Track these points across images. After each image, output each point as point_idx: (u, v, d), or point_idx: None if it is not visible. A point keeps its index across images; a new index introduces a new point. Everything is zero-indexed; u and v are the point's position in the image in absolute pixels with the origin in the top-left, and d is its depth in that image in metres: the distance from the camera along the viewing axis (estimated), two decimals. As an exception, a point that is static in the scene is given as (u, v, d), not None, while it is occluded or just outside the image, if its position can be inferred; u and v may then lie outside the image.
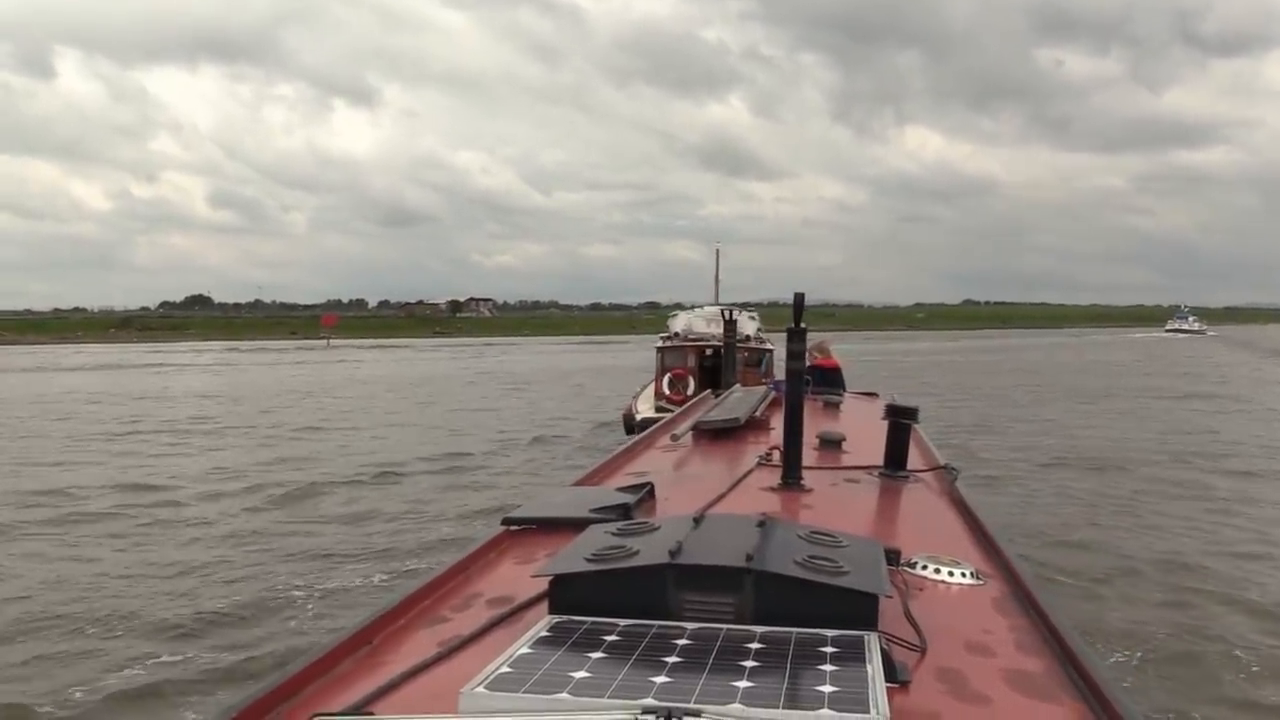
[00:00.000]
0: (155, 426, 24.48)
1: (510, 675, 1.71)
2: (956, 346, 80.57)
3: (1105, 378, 42.01)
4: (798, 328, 4.34)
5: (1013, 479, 15.86)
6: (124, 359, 62.76)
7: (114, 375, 46.85)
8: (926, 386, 34.08)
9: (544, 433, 21.76)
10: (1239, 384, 39.11)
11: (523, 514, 3.52)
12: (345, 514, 13.19)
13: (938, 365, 52.04)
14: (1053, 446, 19.67)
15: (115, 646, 8.22)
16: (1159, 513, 13.24)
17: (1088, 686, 2.00)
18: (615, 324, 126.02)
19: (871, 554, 2.36)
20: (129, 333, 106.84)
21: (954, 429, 20.39)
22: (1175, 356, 62.88)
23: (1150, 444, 20.19)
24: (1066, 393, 34.06)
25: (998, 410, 27.88)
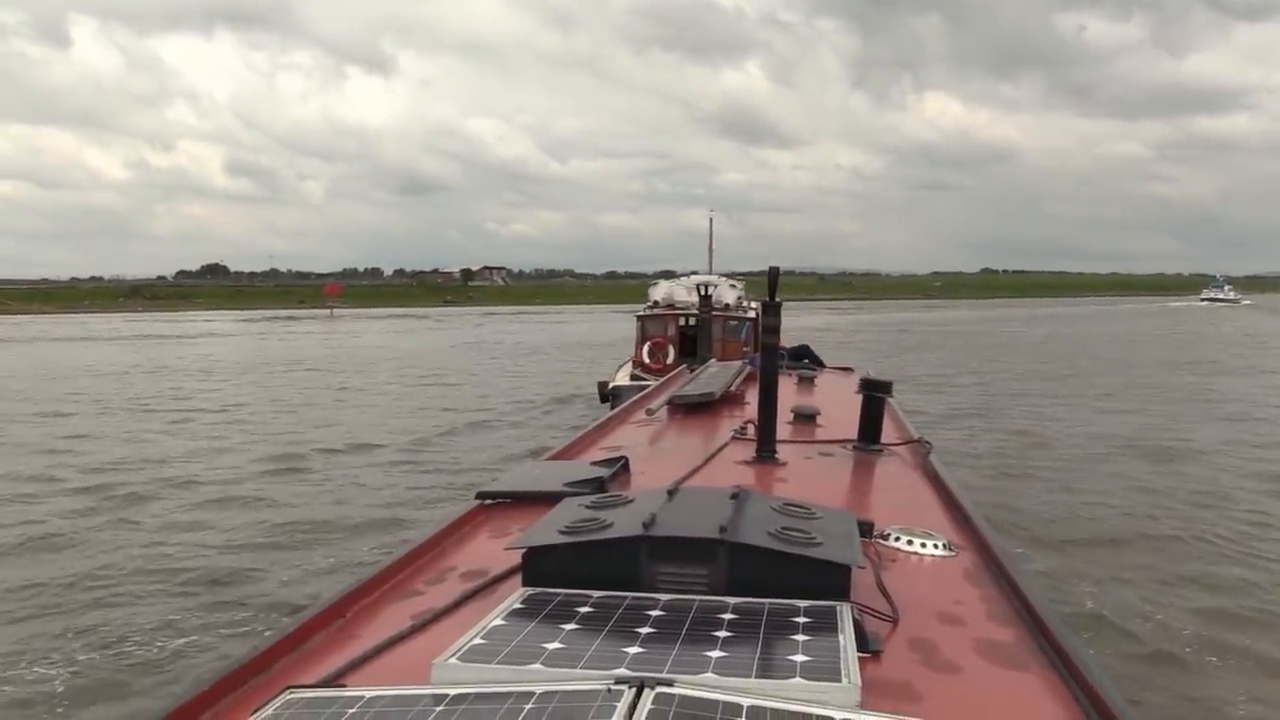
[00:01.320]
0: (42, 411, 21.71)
1: (483, 646, 1.72)
2: (981, 316, 77.47)
3: (1196, 350, 37.20)
4: (773, 301, 4.25)
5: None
6: (109, 330, 61.19)
7: (84, 348, 44.88)
8: (968, 374, 28.31)
9: (482, 418, 19.43)
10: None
11: (497, 488, 3.49)
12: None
13: (973, 340, 47.09)
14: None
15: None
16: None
17: (1058, 655, 2.01)
18: (630, 292, 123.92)
19: (844, 525, 2.37)
20: (137, 302, 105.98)
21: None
22: (1231, 327, 59.26)
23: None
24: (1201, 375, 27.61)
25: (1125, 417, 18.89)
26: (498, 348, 42.88)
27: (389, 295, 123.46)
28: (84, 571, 8.95)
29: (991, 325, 61.02)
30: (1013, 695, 1.87)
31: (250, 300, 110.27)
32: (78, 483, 13.03)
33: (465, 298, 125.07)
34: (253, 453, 15.29)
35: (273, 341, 49.11)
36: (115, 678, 6.69)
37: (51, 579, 8.71)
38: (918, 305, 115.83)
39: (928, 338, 48.88)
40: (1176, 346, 40.95)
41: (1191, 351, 37.71)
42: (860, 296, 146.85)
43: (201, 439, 17.05)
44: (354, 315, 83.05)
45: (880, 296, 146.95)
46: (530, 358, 36.51)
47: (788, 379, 7.38)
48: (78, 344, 47.74)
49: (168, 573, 8.87)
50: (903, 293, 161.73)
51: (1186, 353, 37.00)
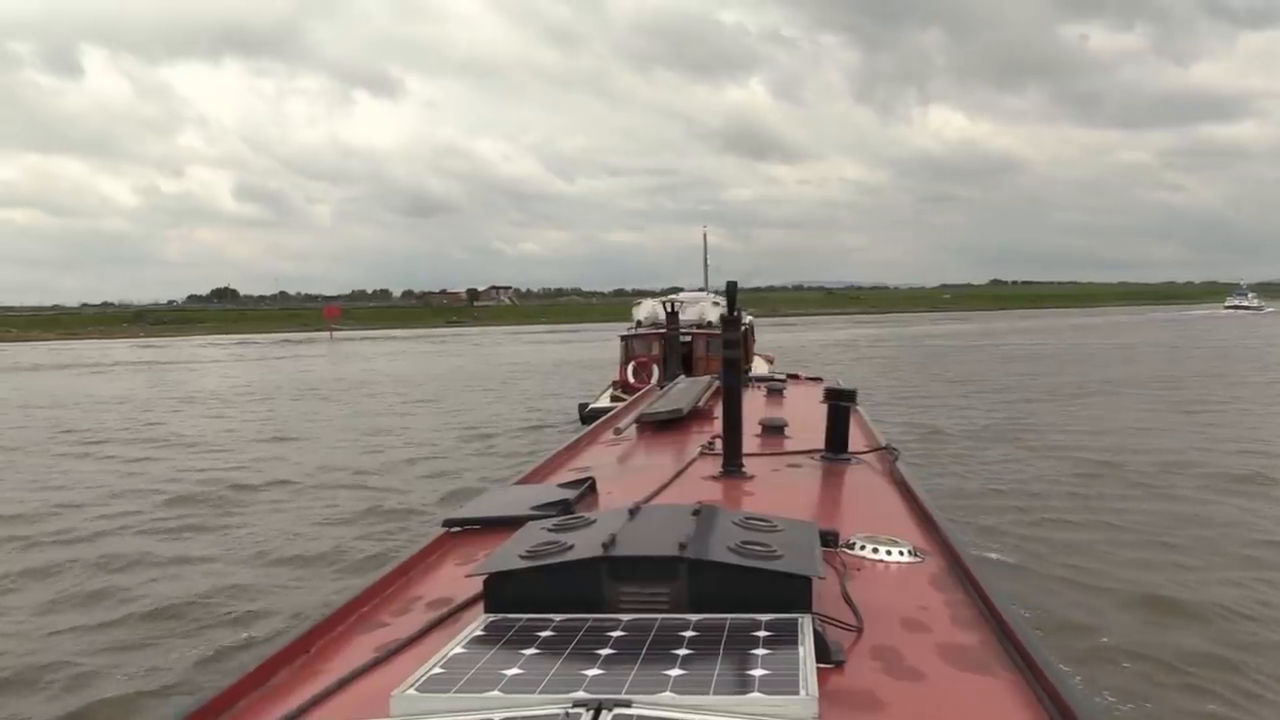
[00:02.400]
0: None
1: (442, 676, 1.71)
2: (1005, 328, 74.88)
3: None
4: (732, 316, 4.25)
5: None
6: (99, 356, 59.73)
7: (54, 377, 43.12)
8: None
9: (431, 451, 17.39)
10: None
11: (463, 515, 3.49)
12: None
13: (1023, 355, 42.33)
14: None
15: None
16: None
17: (1022, 658, 2.01)
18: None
19: (806, 536, 2.35)
20: (140, 327, 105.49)
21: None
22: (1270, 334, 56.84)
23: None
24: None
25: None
26: (489, 368, 41.35)
27: (393, 316, 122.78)
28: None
29: (1025, 338, 58.08)
30: (976, 699, 1.87)
31: (254, 324, 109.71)
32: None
33: (470, 317, 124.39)
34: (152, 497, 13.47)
35: (257, 367, 47.45)
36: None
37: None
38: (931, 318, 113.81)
39: (966, 352, 45.94)
40: (1250, 357, 38.35)
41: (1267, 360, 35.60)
42: (869, 310, 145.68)
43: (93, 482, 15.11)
44: (355, 338, 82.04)
45: (889, 310, 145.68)
46: (515, 379, 34.89)
47: (756, 392, 7.52)
48: (49, 373, 46.15)
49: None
50: (912, 305, 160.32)
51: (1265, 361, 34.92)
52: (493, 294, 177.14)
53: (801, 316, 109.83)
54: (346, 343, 73.04)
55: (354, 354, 57.64)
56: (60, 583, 9.31)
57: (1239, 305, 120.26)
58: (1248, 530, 10.02)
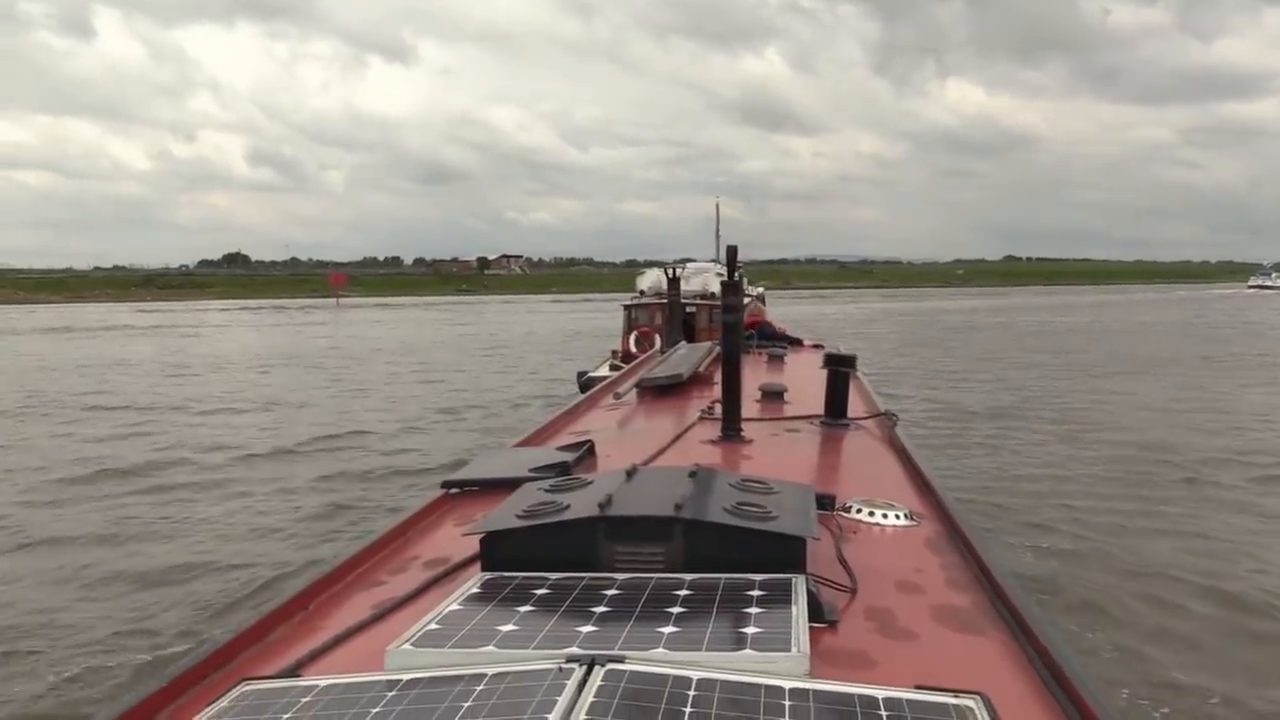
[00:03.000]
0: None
1: (438, 631, 1.72)
2: (1023, 304, 72.94)
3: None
4: (731, 280, 4.23)
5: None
6: (95, 321, 58.52)
7: (31, 341, 41.95)
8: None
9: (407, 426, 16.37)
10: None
11: (461, 476, 3.47)
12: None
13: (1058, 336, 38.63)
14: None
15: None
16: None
17: (1014, 620, 2.02)
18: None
19: (801, 499, 2.35)
20: (148, 291, 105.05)
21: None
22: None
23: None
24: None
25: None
26: (491, 338, 40.27)
27: (402, 284, 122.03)
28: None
29: (1049, 316, 55.98)
30: (967, 659, 1.87)
31: (262, 290, 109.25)
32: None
33: (480, 286, 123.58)
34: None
35: (254, 334, 46.42)
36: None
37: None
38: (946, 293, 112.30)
39: (988, 329, 43.99)
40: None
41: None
42: (882, 284, 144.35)
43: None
44: (362, 305, 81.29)
45: (903, 284, 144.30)
46: (517, 350, 33.78)
47: (757, 358, 7.51)
48: (28, 337, 44.96)
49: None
50: (926, 280, 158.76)
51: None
52: (504, 263, 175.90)
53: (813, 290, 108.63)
54: (353, 309, 72.28)
55: (355, 321, 56.78)
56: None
57: (1263, 285, 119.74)
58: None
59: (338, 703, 1.50)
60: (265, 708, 1.52)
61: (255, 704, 1.54)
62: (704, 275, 19.22)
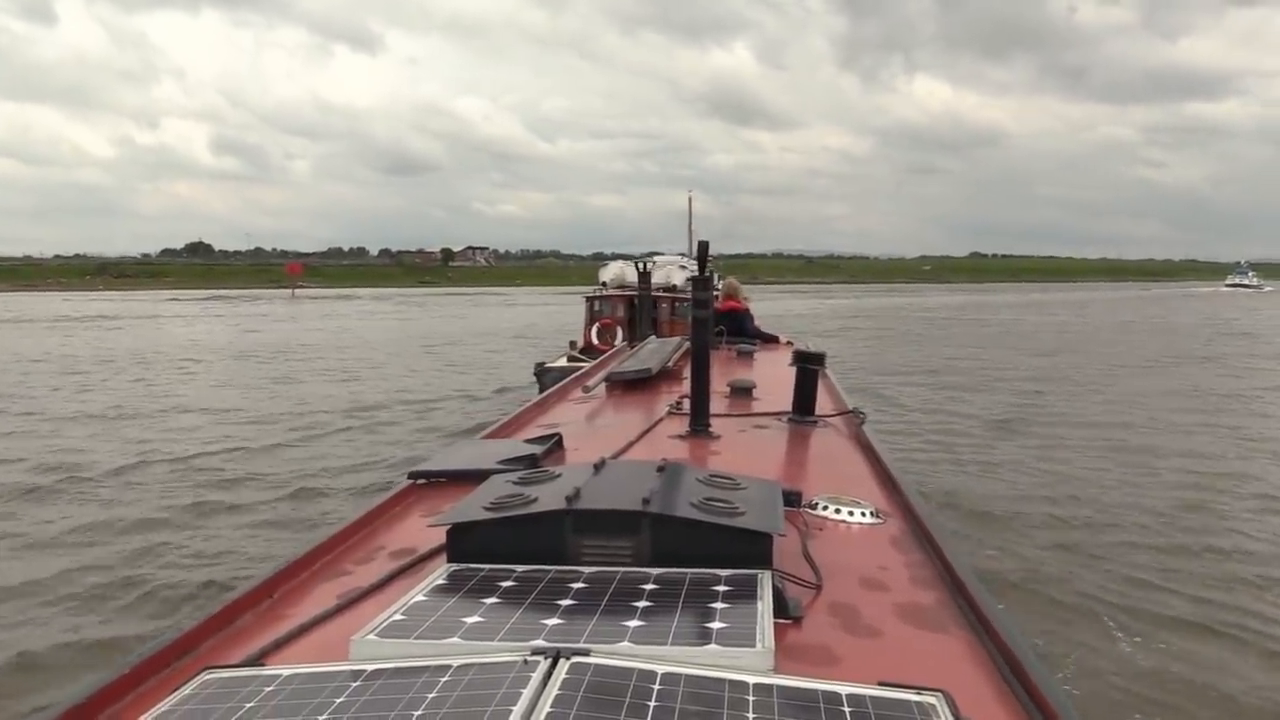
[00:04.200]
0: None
1: (402, 622, 1.72)
2: (991, 302, 72.31)
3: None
4: (702, 275, 4.25)
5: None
6: (23, 309, 55.99)
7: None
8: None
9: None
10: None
11: (429, 467, 3.46)
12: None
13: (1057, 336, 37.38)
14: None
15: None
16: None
17: (976, 618, 2.04)
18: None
19: (769, 495, 2.37)
20: (102, 280, 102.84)
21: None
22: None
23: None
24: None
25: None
26: (443, 335, 37.52)
27: (363, 275, 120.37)
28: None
29: (1028, 314, 55.03)
30: (929, 655, 1.88)
31: (221, 279, 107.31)
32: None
33: (444, 278, 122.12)
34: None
35: (183, 327, 43.49)
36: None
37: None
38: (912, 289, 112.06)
39: (967, 326, 42.77)
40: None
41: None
42: (849, 279, 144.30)
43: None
44: (319, 296, 79.72)
45: (870, 280, 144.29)
46: (467, 349, 31.21)
47: (726, 354, 7.51)
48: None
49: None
50: (892, 276, 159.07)
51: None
52: (469, 254, 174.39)
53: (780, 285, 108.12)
54: (309, 301, 70.77)
55: (302, 315, 54.41)
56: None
57: (1240, 284, 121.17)
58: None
59: (301, 692, 1.49)
60: (228, 696, 1.51)
61: (218, 693, 1.53)
62: (667, 268, 19.49)
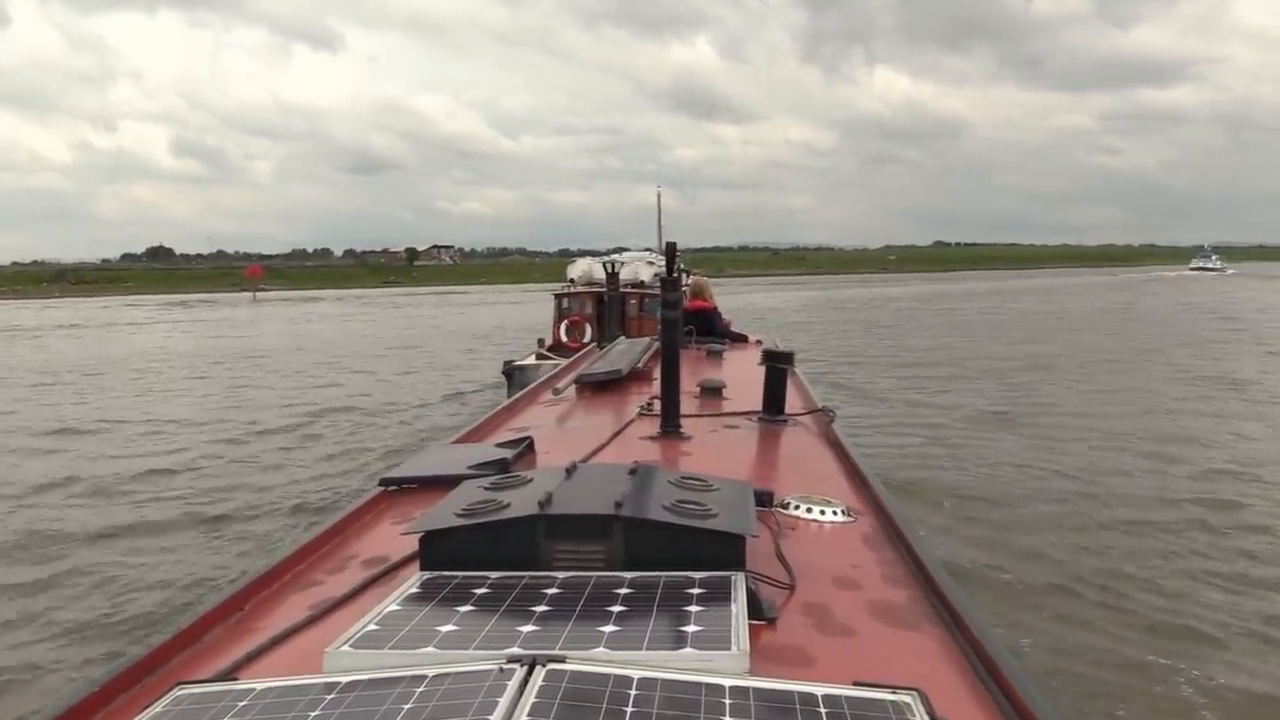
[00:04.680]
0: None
1: (376, 633, 1.70)
2: (963, 290, 71.89)
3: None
4: (671, 276, 4.26)
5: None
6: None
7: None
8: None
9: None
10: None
11: (399, 474, 3.46)
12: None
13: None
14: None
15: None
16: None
17: (949, 615, 2.04)
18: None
19: (740, 496, 2.36)
20: (58, 287, 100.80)
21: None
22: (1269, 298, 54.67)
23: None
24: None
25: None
26: (403, 338, 36.13)
27: (326, 277, 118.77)
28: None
29: (999, 300, 54.37)
30: (904, 654, 1.89)
31: (182, 284, 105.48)
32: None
33: (409, 278, 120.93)
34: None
35: (138, 334, 41.60)
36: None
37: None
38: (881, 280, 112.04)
39: (941, 316, 41.68)
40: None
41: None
42: (815, 271, 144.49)
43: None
44: (286, 298, 78.24)
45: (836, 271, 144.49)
46: (423, 349, 30.51)
47: (696, 354, 7.47)
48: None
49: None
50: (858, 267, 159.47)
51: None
52: (434, 253, 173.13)
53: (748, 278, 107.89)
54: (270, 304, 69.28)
55: (261, 318, 52.88)
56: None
57: (1204, 267, 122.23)
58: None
59: (275, 706, 1.47)
60: (202, 712, 1.49)
61: (190, 709, 1.51)
62: (635, 264, 19.44)
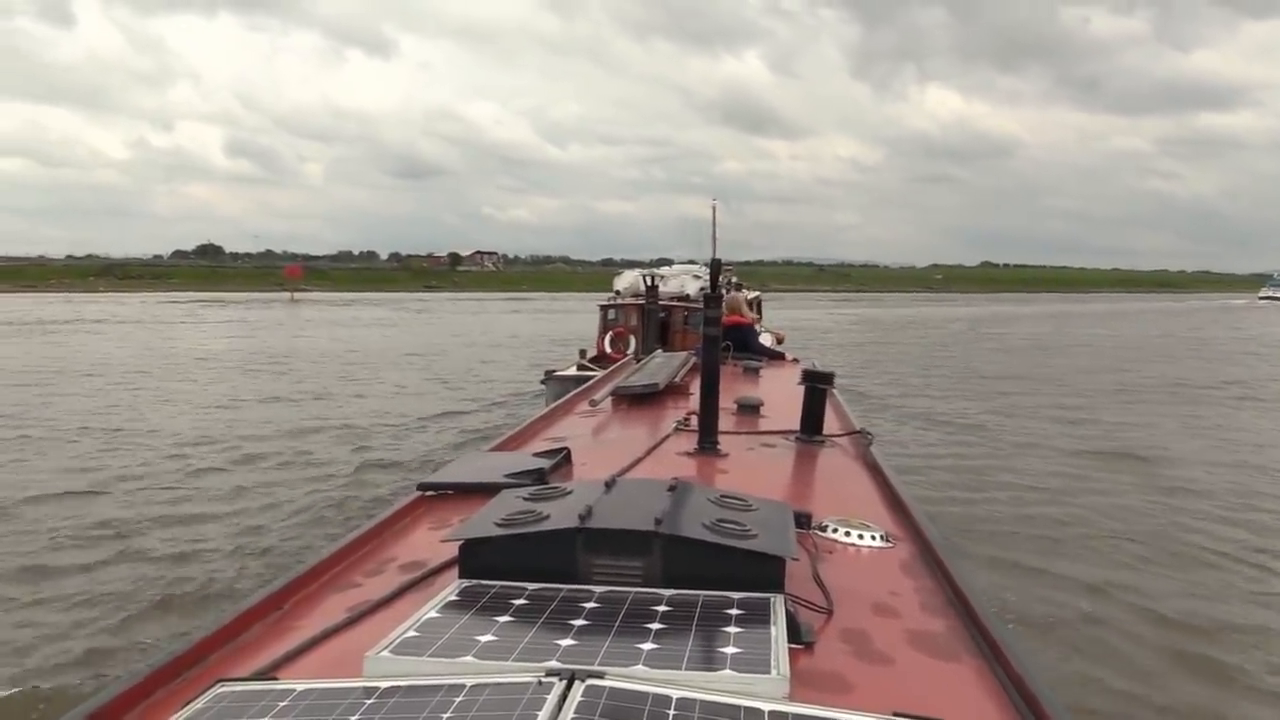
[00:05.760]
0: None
1: (416, 639, 1.71)
2: (1022, 313, 68.91)
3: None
4: (714, 293, 4.25)
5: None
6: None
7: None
8: None
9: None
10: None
11: (438, 479, 3.48)
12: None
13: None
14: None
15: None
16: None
17: (988, 645, 2.02)
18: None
19: (780, 517, 2.35)
20: (103, 281, 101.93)
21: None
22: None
23: None
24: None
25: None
26: (430, 345, 34.40)
27: (368, 279, 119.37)
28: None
29: (1059, 325, 51.60)
30: (942, 684, 1.87)
31: (225, 281, 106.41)
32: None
33: (450, 283, 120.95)
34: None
35: (156, 333, 39.49)
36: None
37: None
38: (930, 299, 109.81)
39: (1011, 343, 38.82)
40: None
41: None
42: (860, 288, 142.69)
43: None
44: (319, 301, 77.99)
45: (881, 288, 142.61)
46: (450, 362, 28.11)
47: (734, 370, 7.41)
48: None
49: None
50: (904, 285, 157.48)
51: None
52: (477, 259, 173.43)
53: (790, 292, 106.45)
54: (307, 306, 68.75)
55: (294, 319, 51.87)
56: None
57: (1274, 296, 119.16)
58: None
59: (316, 708, 1.48)
60: (242, 710, 1.50)
61: (232, 706, 1.52)
62: (680, 278, 19.66)
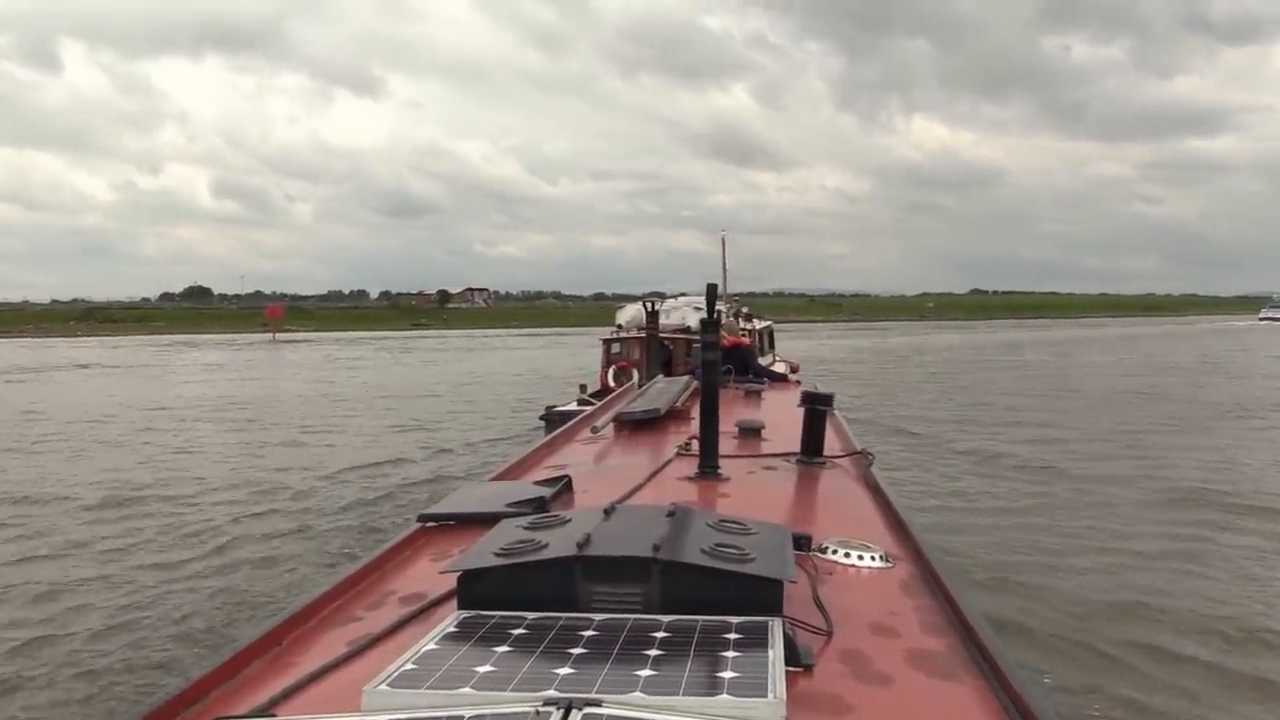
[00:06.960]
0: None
1: (414, 672, 1.71)
2: (1020, 339, 67.79)
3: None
4: (711, 318, 4.28)
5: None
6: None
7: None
8: None
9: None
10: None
11: (438, 510, 3.49)
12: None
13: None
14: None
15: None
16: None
17: (988, 665, 2.02)
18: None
19: (778, 540, 2.37)
20: (82, 325, 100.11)
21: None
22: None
23: None
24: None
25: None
26: (410, 385, 32.86)
27: (356, 318, 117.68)
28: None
29: (1062, 351, 50.96)
30: (941, 704, 1.89)
31: (208, 324, 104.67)
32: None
33: (440, 320, 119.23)
34: None
35: (116, 381, 37.56)
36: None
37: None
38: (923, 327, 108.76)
39: (1013, 370, 38.11)
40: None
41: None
42: (853, 317, 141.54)
43: None
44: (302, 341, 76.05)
45: (873, 317, 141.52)
46: (420, 408, 26.34)
47: (734, 394, 7.53)
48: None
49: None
50: (896, 313, 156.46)
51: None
52: (467, 296, 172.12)
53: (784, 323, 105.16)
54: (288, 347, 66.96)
55: (265, 361, 49.90)
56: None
57: (1274, 318, 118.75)
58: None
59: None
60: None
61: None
62: (683, 310, 19.41)
